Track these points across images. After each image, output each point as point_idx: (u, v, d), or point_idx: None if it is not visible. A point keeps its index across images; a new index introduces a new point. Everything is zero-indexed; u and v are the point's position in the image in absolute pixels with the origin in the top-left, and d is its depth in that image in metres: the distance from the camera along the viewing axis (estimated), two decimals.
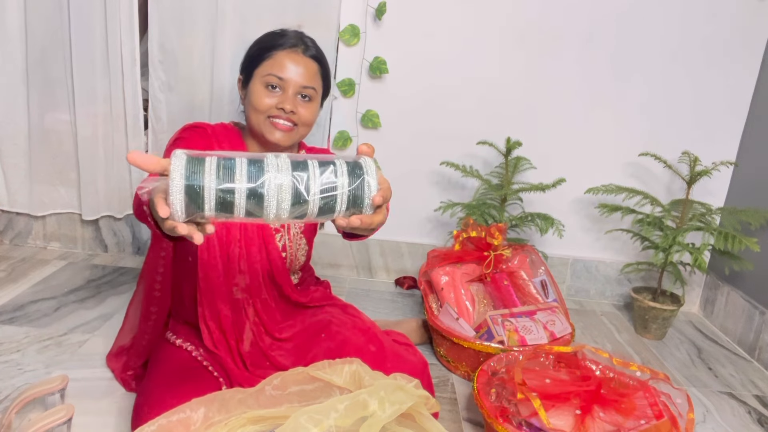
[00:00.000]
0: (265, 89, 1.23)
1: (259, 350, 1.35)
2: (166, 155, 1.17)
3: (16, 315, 1.74)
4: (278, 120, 1.24)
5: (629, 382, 1.38)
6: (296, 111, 1.24)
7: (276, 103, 1.23)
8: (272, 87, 1.23)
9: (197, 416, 1.08)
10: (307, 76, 1.24)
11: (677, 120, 2.16)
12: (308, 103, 1.26)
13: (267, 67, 1.23)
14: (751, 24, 2.07)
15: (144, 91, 2.14)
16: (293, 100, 1.24)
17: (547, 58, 2.10)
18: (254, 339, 1.35)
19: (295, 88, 1.24)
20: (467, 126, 2.14)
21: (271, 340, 1.37)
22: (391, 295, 2.19)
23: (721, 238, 1.85)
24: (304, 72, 1.23)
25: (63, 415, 1.15)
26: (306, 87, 1.24)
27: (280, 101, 1.23)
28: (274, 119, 1.24)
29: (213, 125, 1.34)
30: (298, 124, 1.26)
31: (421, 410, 1.14)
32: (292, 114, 1.24)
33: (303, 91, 1.24)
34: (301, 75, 1.23)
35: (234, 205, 0.71)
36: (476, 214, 1.98)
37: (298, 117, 1.25)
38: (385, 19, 2.04)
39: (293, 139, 1.28)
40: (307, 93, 1.25)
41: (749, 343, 2.00)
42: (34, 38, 2.01)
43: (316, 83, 1.26)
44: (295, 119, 1.25)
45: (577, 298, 2.34)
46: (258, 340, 1.35)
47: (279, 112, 1.23)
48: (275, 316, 1.38)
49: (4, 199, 2.17)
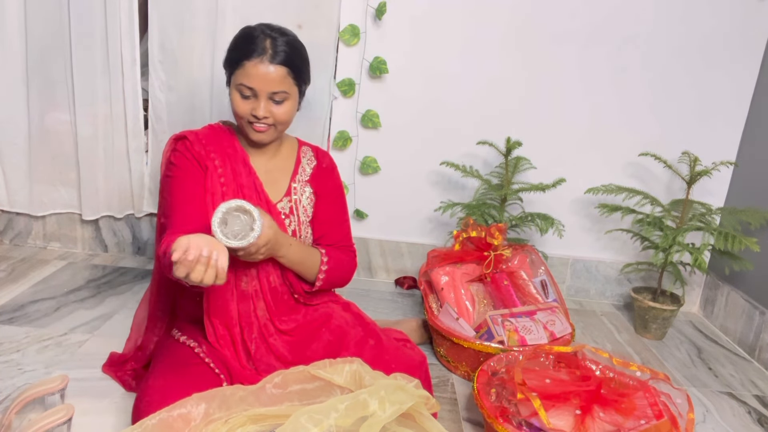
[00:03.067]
0: (240, 97, 1.31)
1: (263, 340, 1.37)
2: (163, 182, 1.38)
3: (16, 315, 1.74)
4: (256, 124, 1.32)
5: (629, 382, 1.38)
6: (270, 114, 1.31)
7: (250, 110, 1.31)
8: (245, 96, 1.31)
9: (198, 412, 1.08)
10: (275, 83, 1.28)
11: (677, 120, 2.16)
12: (281, 104, 1.32)
13: (239, 77, 1.29)
14: (751, 24, 2.07)
15: (144, 91, 2.14)
16: (266, 105, 1.30)
17: (547, 57, 2.10)
18: (260, 329, 1.37)
19: (264, 95, 1.30)
20: (467, 126, 2.14)
21: (275, 330, 1.40)
22: (391, 295, 2.19)
23: (721, 238, 1.85)
24: (272, 79, 1.28)
25: (63, 415, 1.15)
26: (275, 92, 1.30)
27: (254, 108, 1.30)
28: (252, 123, 1.32)
29: (198, 131, 1.39)
30: (275, 123, 1.33)
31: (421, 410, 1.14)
32: (266, 118, 1.31)
33: (274, 96, 1.30)
34: (269, 82, 1.28)
35: None
36: (476, 214, 1.98)
37: (274, 118, 1.32)
38: (385, 19, 2.04)
39: (272, 136, 1.36)
40: (278, 97, 1.31)
41: (749, 343, 2.00)
42: (34, 38, 2.01)
43: (285, 86, 1.30)
44: (271, 121, 1.32)
45: (577, 298, 2.34)
46: (263, 330, 1.38)
47: (254, 119, 1.31)
48: (281, 307, 1.41)
49: (4, 199, 2.17)
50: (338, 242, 1.48)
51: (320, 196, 1.46)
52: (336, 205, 1.49)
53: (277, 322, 1.40)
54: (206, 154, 1.35)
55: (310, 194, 1.45)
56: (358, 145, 2.17)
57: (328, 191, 1.47)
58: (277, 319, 1.40)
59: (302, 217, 1.43)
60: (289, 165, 1.44)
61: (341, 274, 1.46)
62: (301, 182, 1.44)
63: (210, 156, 1.35)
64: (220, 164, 1.34)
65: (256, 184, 1.37)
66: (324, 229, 1.46)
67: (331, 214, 1.47)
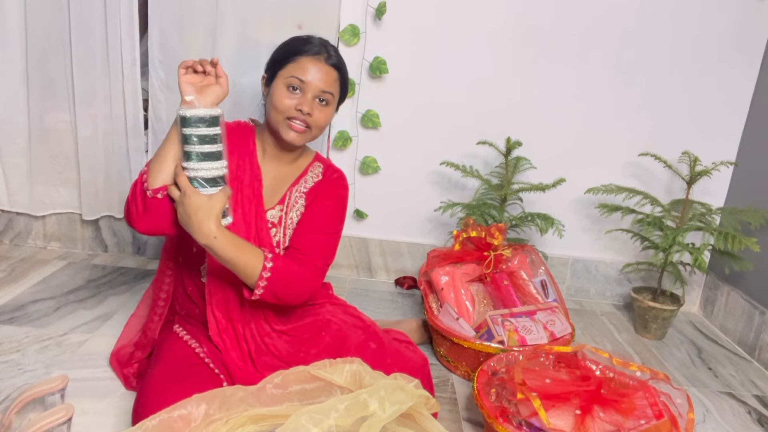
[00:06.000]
0: (287, 90, 1.30)
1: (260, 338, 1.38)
2: None
3: (16, 315, 1.74)
4: (294, 121, 1.31)
5: (629, 382, 1.38)
6: (312, 113, 1.31)
7: (295, 104, 1.30)
8: (293, 88, 1.30)
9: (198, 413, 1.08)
10: (326, 82, 1.31)
11: (677, 120, 2.16)
12: (324, 107, 1.33)
13: (290, 70, 1.30)
14: (751, 24, 2.07)
15: (144, 91, 2.14)
16: (311, 102, 1.30)
17: (547, 57, 2.10)
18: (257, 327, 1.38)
19: (314, 92, 1.30)
20: (467, 126, 2.14)
21: (271, 329, 1.40)
22: (391, 295, 2.19)
23: (721, 238, 1.85)
24: (325, 77, 1.31)
25: (63, 415, 1.15)
26: (324, 91, 1.31)
27: (299, 103, 1.30)
28: (290, 120, 1.31)
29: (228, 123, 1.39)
30: (312, 126, 1.32)
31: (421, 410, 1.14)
32: (308, 116, 1.30)
33: (321, 95, 1.31)
34: (321, 80, 1.30)
35: None
36: (476, 214, 1.98)
37: (313, 119, 1.31)
38: (385, 19, 2.04)
39: (305, 139, 1.35)
40: (325, 97, 1.32)
41: (749, 343, 2.00)
42: (34, 38, 2.01)
43: (334, 89, 1.33)
44: (310, 121, 1.31)
45: (577, 298, 2.35)
46: (259, 329, 1.38)
47: (297, 114, 1.30)
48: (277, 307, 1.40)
49: (4, 199, 2.17)
50: (301, 249, 1.34)
51: (311, 203, 1.40)
52: (324, 211, 1.39)
53: (274, 323, 1.40)
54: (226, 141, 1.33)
55: (301, 206, 1.40)
56: (358, 145, 2.17)
57: (322, 197, 1.40)
58: (274, 319, 1.40)
59: (288, 229, 1.39)
60: (294, 174, 1.42)
61: (290, 287, 1.30)
62: (297, 193, 1.40)
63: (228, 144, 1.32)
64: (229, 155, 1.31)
65: (255, 185, 1.36)
66: (300, 229, 1.37)
67: (315, 218, 1.38)
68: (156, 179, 1.21)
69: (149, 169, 1.23)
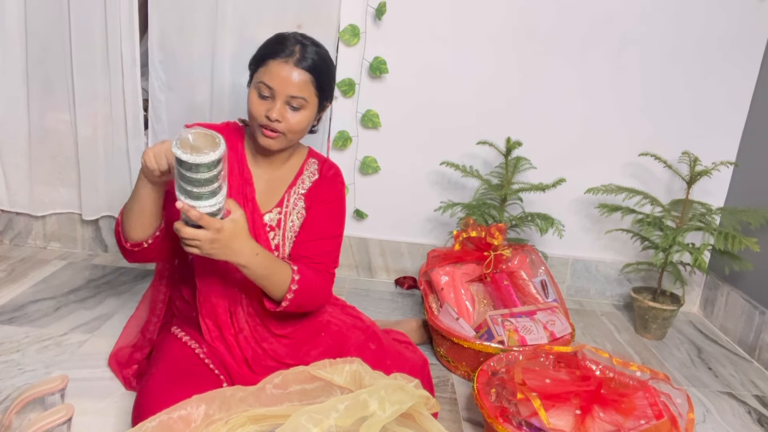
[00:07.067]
0: (258, 97, 1.26)
1: (257, 344, 1.36)
2: None
3: (16, 315, 1.74)
4: (267, 128, 1.26)
5: (629, 382, 1.38)
6: (283, 119, 1.25)
7: (264, 111, 1.25)
8: (263, 96, 1.26)
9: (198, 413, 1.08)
10: (296, 86, 1.24)
11: (677, 120, 2.16)
12: (297, 111, 1.27)
13: (260, 75, 1.25)
14: (750, 24, 2.07)
15: (144, 91, 2.14)
16: (280, 109, 1.25)
17: (547, 57, 2.10)
18: (251, 333, 1.36)
19: (282, 97, 1.25)
20: (467, 126, 2.14)
21: (269, 334, 1.38)
22: (391, 295, 2.19)
23: (721, 238, 1.85)
24: (294, 82, 1.24)
25: (63, 415, 1.15)
26: (294, 97, 1.24)
27: (268, 109, 1.25)
28: (263, 127, 1.27)
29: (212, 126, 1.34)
30: (286, 132, 1.27)
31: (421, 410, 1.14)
32: (278, 123, 1.25)
33: (291, 101, 1.25)
34: (289, 85, 1.24)
35: None
36: (476, 214, 1.98)
37: (286, 125, 1.26)
38: (385, 19, 2.04)
39: (282, 144, 1.30)
40: (296, 103, 1.26)
41: (749, 343, 2.00)
42: (34, 38, 2.01)
43: (306, 93, 1.26)
44: (282, 128, 1.26)
45: (577, 298, 2.35)
46: (255, 335, 1.36)
47: (266, 122, 1.25)
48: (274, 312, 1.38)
49: (4, 199, 2.17)
50: (313, 258, 1.35)
51: (311, 206, 1.38)
52: (327, 215, 1.38)
53: (273, 327, 1.38)
54: None
55: (302, 209, 1.38)
56: (358, 145, 2.17)
57: (321, 199, 1.38)
58: (272, 324, 1.38)
59: (288, 232, 1.37)
60: (290, 175, 1.39)
61: (312, 297, 1.33)
62: (296, 194, 1.38)
63: None
64: None
65: (246, 190, 1.32)
66: (306, 236, 1.36)
67: (319, 223, 1.37)
68: (135, 235, 1.24)
69: (124, 226, 1.25)
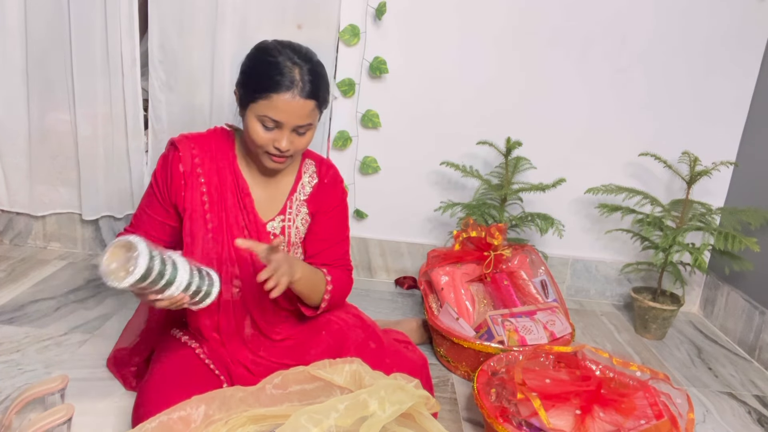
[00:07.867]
0: (262, 128, 1.22)
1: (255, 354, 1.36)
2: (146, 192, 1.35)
3: (16, 315, 1.74)
4: (273, 156, 1.25)
5: (629, 382, 1.38)
6: (291, 147, 1.24)
7: (271, 139, 1.23)
8: (268, 128, 1.22)
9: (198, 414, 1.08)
10: (303, 116, 1.22)
11: (677, 120, 2.16)
12: (304, 135, 1.26)
13: (262, 108, 1.20)
14: (751, 24, 2.07)
15: (144, 91, 2.14)
16: (289, 137, 1.23)
17: (547, 57, 2.10)
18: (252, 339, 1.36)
19: (290, 127, 1.23)
20: (467, 126, 2.14)
21: (269, 341, 1.38)
22: (391, 295, 2.19)
23: (721, 238, 1.85)
24: (300, 112, 1.21)
25: (63, 415, 1.15)
26: (301, 126, 1.23)
27: (275, 139, 1.22)
28: (271, 154, 1.25)
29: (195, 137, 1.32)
30: (294, 154, 1.27)
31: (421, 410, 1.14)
32: (287, 151, 1.24)
33: (299, 129, 1.24)
34: (297, 117, 1.21)
35: None
36: (476, 214, 1.98)
37: (294, 148, 1.25)
38: (385, 19, 2.04)
39: (289, 164, 1.30)
40: (303, 129, 1.25)
41: (749, 343, 2.00)
42: (34, 38, 2.01)
43: (312, 118, 1.24)
44: (291, 152, 1.25)
45: (577, 298, 2.34)
46: (251, 346, 1.36)
47: (275, 151, 1.24)
48: (271, 319, 1.39)
49: (4, 199, 2.17)
50: (336, 261, 1.41)
51: (318, 213, 1.38)
52: (335, 221, 1.41)
53: (272, 334, 1.38)
54: (191, 168, 1.28)
55: (306, 215, 1.38)
56: (358, 145, 2.17)
57: (327, 208, 1.39)
58: (270, 330, 1.38)
59: (294, 238, 1.37)
60: (289, 181, 1.37)
61: (342, 295, 1.42)
62: (298, 201, 1.37)
63: (195, 171, 1.29)
64: (206, 178, 1.29)
65: (244, 201, 1.31)
66: (321, 246, 1.39)
67: (330, 231, 1.40)
68: None
69: None
